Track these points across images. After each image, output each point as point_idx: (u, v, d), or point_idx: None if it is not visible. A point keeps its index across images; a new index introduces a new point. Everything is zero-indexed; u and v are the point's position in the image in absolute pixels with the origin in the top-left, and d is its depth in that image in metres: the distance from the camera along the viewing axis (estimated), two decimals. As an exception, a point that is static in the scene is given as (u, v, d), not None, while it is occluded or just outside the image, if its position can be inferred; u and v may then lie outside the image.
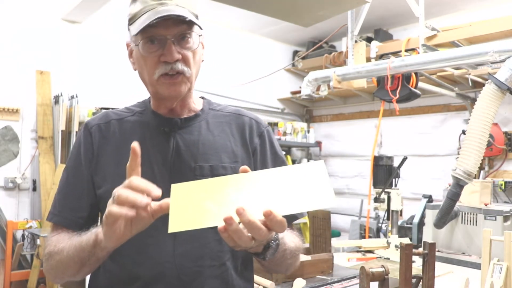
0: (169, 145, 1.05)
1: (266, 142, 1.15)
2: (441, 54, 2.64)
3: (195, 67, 1.04)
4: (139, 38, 0.98)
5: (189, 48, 1.01)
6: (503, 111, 4.06)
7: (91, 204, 1.06)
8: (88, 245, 0.87)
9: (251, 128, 1.14)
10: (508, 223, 2.16)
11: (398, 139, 4.93)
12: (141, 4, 0.99)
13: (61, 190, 1.08)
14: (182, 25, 0.98)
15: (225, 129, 1.12)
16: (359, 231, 4.35)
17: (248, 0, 2.49)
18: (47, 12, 3.96)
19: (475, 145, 2.09)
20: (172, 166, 1.04)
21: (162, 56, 0.97)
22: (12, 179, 3.72)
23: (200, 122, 1.11)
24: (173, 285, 0.99)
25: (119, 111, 1.14)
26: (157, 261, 0.99)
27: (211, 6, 3.76)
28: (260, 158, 1.13)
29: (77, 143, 1.10)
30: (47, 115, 3.84)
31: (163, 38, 0.97)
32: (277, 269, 1.10)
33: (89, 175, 1.06)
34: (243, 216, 0.71)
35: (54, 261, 0.97)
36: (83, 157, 1.07)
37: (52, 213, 1.07)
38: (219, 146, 1.08)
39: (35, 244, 3.59)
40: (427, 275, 1.28)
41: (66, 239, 0.97)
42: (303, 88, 3.35)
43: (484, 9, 4.25)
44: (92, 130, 1.09)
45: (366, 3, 2.72)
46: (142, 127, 1.09)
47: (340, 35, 4.12)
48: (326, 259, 2.00)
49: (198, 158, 1.05)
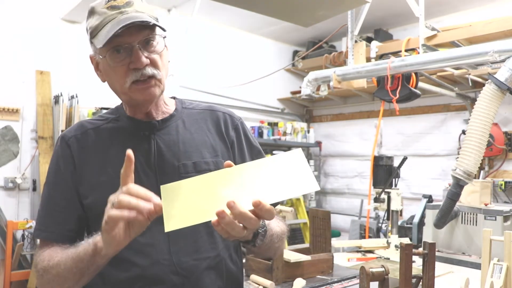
0: (150, 148, 1.07)
1: (241, 134, 1.19)
2: (441, 54, 2.64)
3: (164, 69, 1.05)
4: (105, 50, 1.00)
5: (156, 51, 1.02)
6: (503, 111, 4.06)
7: (78, 216, 1.06)
8: (87, 254, 0.88)
9: (226, 122, 1.17)
10: (508, 223, 2.16)
11: (398, 139, 4.93)
12: (101, 16, 1.01)
13: (45, 206, 1.08)
14: (145, 30, 0.99)
15: (201, 125, 1.15)
16: (359, 231, 4.35)
17: (248, 0, 2.49)
18: (47, 12, 3.96)
19: (475, 145, 2.09)
20: (156, 168, 1.06)
21: (131, 63, 0.98)
22: (12, 179, 3.72)
23: (176, 121, 1.13)
24: (173, 282, 1.01)
25: (93, 120, 1.15)
26: (155, 260, 1.01)
27: (211, 6, 3.77)
28: (238, 150, 1.16)
29: (55, 157, 1.10)
30: (47, 115, 3.84)
31: (129, 46, 0.98)
32: (266, 254, 1.14)
33: (73, 186, 1.05)
34: (234, 208, 0.75)
35: (51, 275, 0.97)
36: (63, 170, 1.07)
37: (38, 230, 1.07)
38: (199, 143, 1.11)
39: (35, 244, 3.59)
40: (427, 275, 1.28)
41: (60, 253, 0.97)
42: (303, 88, 3.35)
43: (484, 9, 4.25)
44: (70, 141, 1.09)
45: (366, 3, 2.73)
46: (120, 133, 1.10)
47: (340, 35, 4.12)
48: (326, 259, 2.00)
49: (180, 156, 1.07)
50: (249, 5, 2.58)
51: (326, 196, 5.70)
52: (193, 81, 4.49)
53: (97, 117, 1.17)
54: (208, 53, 4.90)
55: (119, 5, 1.00)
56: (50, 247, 1.03)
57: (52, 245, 1.03)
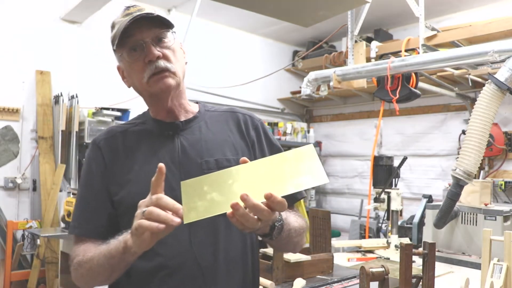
0: (175, 146, 1.14)
1: (261, 134, 1.25)
2: (441, 54, 2.64)
3: (178, 64, 1.12)
4: (123, 50, 1.10)
5: (167, 46, 1.11)
6: (503, 111, 4.06)
7: (109, 213, 1.13)
8: (118, 252, 0.95)
9: (246, 123, 1.24)
10: (508, 223, 2.16)
11: (398, 139, 4.93)
12: (118, 25, 1.10)
13: (78, 204, 1.17)
14: (154, 28, 1.09)
15: (223, 126, 1.21)
16: (359, 231, 4.35)
17: (248, 0, 2.49)
18: (47, 12, 3.96)
19: (475, 145, 2.09)
20: (180, 165, 1.12)
21: (146, 57, 1.07)
22: (12, 179, 3.72)
23: (199, 123, 1.20)
24: (193, 271, 1.07)
25: (122, 125, 1.23)
26: (177, 251, 1.07)
27: (211, 6, 3.76)
28: (258, 149, 1.22)
29: (87, 160, 1.20)
30: (47, 115, 3.84)
31: (142, 43, 1.08)
32: (286, 248, 1.20)
33: (104, 186, 1.14)
34: (248, 201, 0.81)
35: (84, 269, 1.04)
36: (95, 171, 1.16)
37: (72, 226, 1.16)
38: (221, 142, 1.17)
39: (35, 244, 3.59)
40: (427, 275, 1.28)
41: (93, 249, 1.05)
42: (303, 88, 3.35)
43: (484, 9, 4.25)
44: (100, 144, 1.18)
45: (366, 3, 2.73)
46: (146, 135, 1.17)
47: (340, 35, 4.12)
48: (326, 259, 2.00)
49: (203, 154, 1.14)
50: (249, 5, 2.58)
51: (326, 196, 5.70)
52: (193, 81, 4.48)
53: (125, 122, 1.26)
54: (208, 53, 4.90)
55: (132, 12, 1.10)
56: (84, 243, 1.10)
57: (86, 241, 1.11)
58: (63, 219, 3.30)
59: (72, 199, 3.22)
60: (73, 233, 1.15)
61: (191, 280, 1.07)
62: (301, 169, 0.87)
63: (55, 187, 3.68)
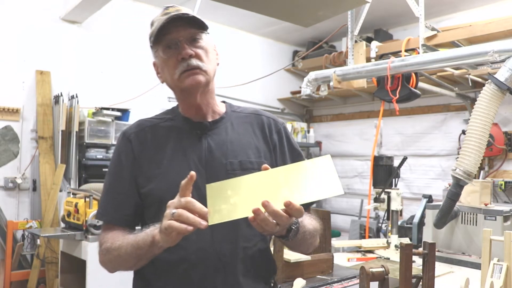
0: (202, 146, 1.20)
1: (284, 138, 1.30)
2: (441, 54, 2.64)
3: (209, 64, 1.18)
4: (158, 47, 1.17)
5: (200, 46, 1.16)
6: (503, 111, 4.06)
7: (135, 203, 1.19)
8: (146, 244, 1.03)
9: (270, 126, 1.29)
10: (508, 223, 2.16)
11: (398, 139, 4.93)
12: (156, 22, 1.17)
13: (106, 193, 1.23)
14: (190, 29, 1.15)
15: (247, 128, 1.27)
16: (359, 231, 4.35)
17: (248, 0, 2.49)
18: (47, 12, 3.96)
19: (475, 145, 2.09)
20: (206, 164, 1.18)
21: (179, 55, 1.14)
22: (12, 179, 3.72)
23: (225, 123, 1.25)
24: (215, 265, 1.13)
25: (151, 119, 1.28)
26: (199, 246, 1.13)
27: (211, 6, 3.76)
28: (280, 152, 1.28)
29: (117, 151, 1.25)
30: (47, 115, 3.84)
31: (177, 41, 1.14)
32: (300, 249, 1.26)
33: (132, 177, 1.19)
34: (268, 207, 0.88)
35: (112, 256, 1.13)
36: (124, 162, 1.21)
37: (100, 213, 1.24)
38: (245, 144, 1.23)
39: (35, 244, 3.59)
40: (427, 275, 1.28)
41: (121, 237, 1.13)
42: (303, 88, 3.35)
43: (484, 9, 4.25)
44: (131, 137, 1.23)
45: (366, 3, 2.73)
46: (176, 131, 1.23)
47: (340, 35, 4.12)
48: (326, 259, 2.00)
49: (228, 155, 1.19)
50: (249, 5, 2.58)
51: (326, 196, 5.69)
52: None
53: (154, 116, 1.30)
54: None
55: (171, 12, 1.16)
56: (112, 231, 1.18)
57: (114, 229, 1.18)
58: (63, 219, 3.30)
59: (72, 199, 3.23)
60: (101, 219, 1.24)
61: (212, 273, 1.13)
62: (318, 179, 0.93)
63: (55, 187, 3.68)
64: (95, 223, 3.02)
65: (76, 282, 3.21)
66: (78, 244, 3.08)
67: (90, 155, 3.82)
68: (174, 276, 1.15)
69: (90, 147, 3.83)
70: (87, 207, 3.06)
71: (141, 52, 4.48)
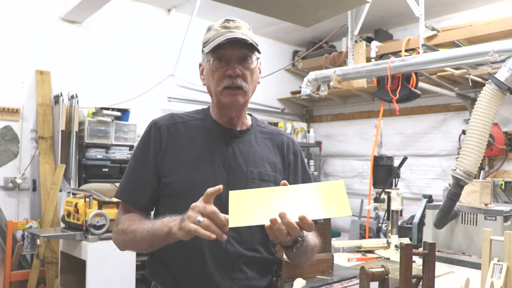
0: (228, 151, 1.29)
1: (299, 159, 1.42)
2: (441, 54, 2.64)
3: (251, 85, 1.28)
4: (210, 56, 1.24)
5: (248, 67, 1.25)
6: (503, 111, 4.06)
7: (153, 190, 1.27)
8: (162, 233, 1.11)
9: (288, 146, 1.40)
10: (508, 223, 2.16)
11: (398, 139, 4.93)
12: (214, 32, 1.24)
13: (129, 173, 1.30)
14: (244, 49, 1.24)
15: (268, 144, 1.38)
16: (359, 231, 4.35)
17: (248, 0, 2.49)
18: (47, 12, 3.96)
19: (475, 145, 2.09)
20: (229, 168, 1.27)
21: (227, 71, 1.22)
22: (12, 179, 3.72)
23: (250, 135, 1.36)
24: (224, 262, 1.22)
25: (183, 115, 1.36)
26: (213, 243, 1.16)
27: (211, 6, 3.76)
28: (293, 171, 1.39)
29: (146, 137, 1.31)
30: (47, 115, 3.84)
31: (229, 57, 1.22)
32: (300, 260, 1.34)
33: (155, 165, 1.26)
34: (284, 219, 0.98)
35: (128, 237, 1.21)
36: (151, 150, 1.27)
37: (120, 192, 1.30)
38: (264, 157, 1.34)
39: (35, 244, 3.59)
40: (427, 275, 1.28)
41: (137, 221, 1.21)
42: (303, 88, 3.35)
43: (484, 9, 4.25)
44: (162, 129, 1.29)
45: (366, 3, 2.73)
46: (205, 132, 1.31)
47: (340, 35, 4.12)
48: (326, 259, 2.00)
49: (249, 164, 1.29)
50: (249, 5, 2.58)
51: (326, 196, 5.69)
52: (193, 81, 4.49)
53: (186, 113, 1.37)
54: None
55: (231, 26, 1.24)
56: (129, 213, 1.27)
57: (131, 211, 1.27)
58: (63, 219, 3.30)
59: (71, 199, 3.23)
60: (119, 198, 1.31)
61: (222, 267, 1.22)
62: (330, 200, 1.03)
63: (55, 187, 3.67)
64: (95, 223, 3.02)
65: (76, 282, 3.21)
66: (78, 244, 3.08)
67: (90, 155, 3.81)
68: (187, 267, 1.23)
69: (90, 147, 3.83)
70: (87, 207, 3.06)
71: (141, 52, 4.49)
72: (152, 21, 4.58)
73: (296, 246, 1.16)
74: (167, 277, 1.26)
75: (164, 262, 1.27)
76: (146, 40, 4.53)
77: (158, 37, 4.60)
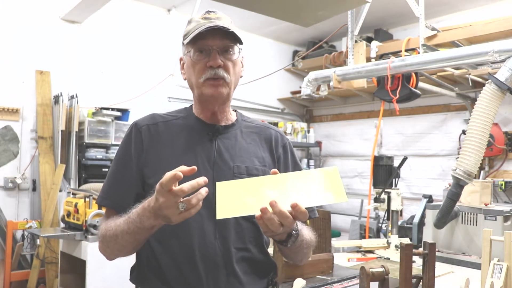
0: (212, 147, 1.24)
1: (288, 152, 1.37)
2: (441, 54, 2.64)
3: (234, 76, 1.23)
4: (191, 47, 1.21)
5: (230, 58, 1.21)
6: (503, 111, 4.06)
7: (137, 193, 1.21)
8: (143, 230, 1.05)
9: (277, 140, 1.36)
10: (508, 223, 2.16)
11: (398, 139, 4.93)
12: (195, 23, 1.21)
13: (110, 178, 1.25)
14: (225, 40, 1.20)
15: (255, 138, 1.33)
16: (359, 231, 4.35)
17: (248, 0, 2.49)
18: (47, 12, 3.96)
19: (475, 145, 2.09)
20: (214, 165, 1.22)
21: (208, 62, 1.18)
22: (12, 179, 3.72)
23: (236, 130, 1.31)
24: (216, 262, 1.17)
25: (164, 115, 1.32)
26: (204, 242, 1.17)
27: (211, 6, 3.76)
28: (283, 165, 1.34)
29: (126, 139, 1.27)
30: (47, 115, 3.83)
31: (210, 48, 1.19)
32: (295, 257, 1.29)
33: (138, 167, 1.22)
34: (275, 207, 0.94)
35: (110, 243, 1.16)
36: (133, 152, 1.23)
37: (101, 197, 1.25)
38: (252, 152, 1.29)
39: (35, 244, 3.59)
40: (427, 275, 1.28)
41: (113, 224, 1.15)
42: (303, 88, 3.35)
43: (484, 9, 4.25)
44: (142, 129, 1.26)
45: (366, 3, 2.73)
46: (188, 130, 1.27)
47: (340, 35, 4.11)
48: (326, 259, 2.00)
49: (235, 159, 1.25)
50: (249, 5, 2.58)
51: (326, 196, 5.69)
52: (193, 81, 4.48)
53: (167, 113, 1.33)
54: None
55: (212, 17, 1.22)
56: (112, 218, 1.19)
57: (114, 216, 1.19)
58: (63, 219, 3.30)
59: (71, 199, 3.22)
60: (101, 203, 1.26)
61: (213, 269, 1.17)
62: (325, 187, 0.98)
63: (55, 187, 3.67)
64: (95, 223, 3.01)
65: (76, 282, 3.20)
66: (78, 244, 3.08)
67: (90, 155, 3.82)
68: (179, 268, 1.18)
69: (90, 147, 3.83)
70: (87, 207, 3.06)
71: (141, 52, 4.49)
72: (152, 21, 4.58)
73: (290, 241, 1.11)
74: (155, 281, 1.20)
75: (151, 266, 1.21)
76: (146, 40, 4.53)
77: (158, 37, 4.59)
